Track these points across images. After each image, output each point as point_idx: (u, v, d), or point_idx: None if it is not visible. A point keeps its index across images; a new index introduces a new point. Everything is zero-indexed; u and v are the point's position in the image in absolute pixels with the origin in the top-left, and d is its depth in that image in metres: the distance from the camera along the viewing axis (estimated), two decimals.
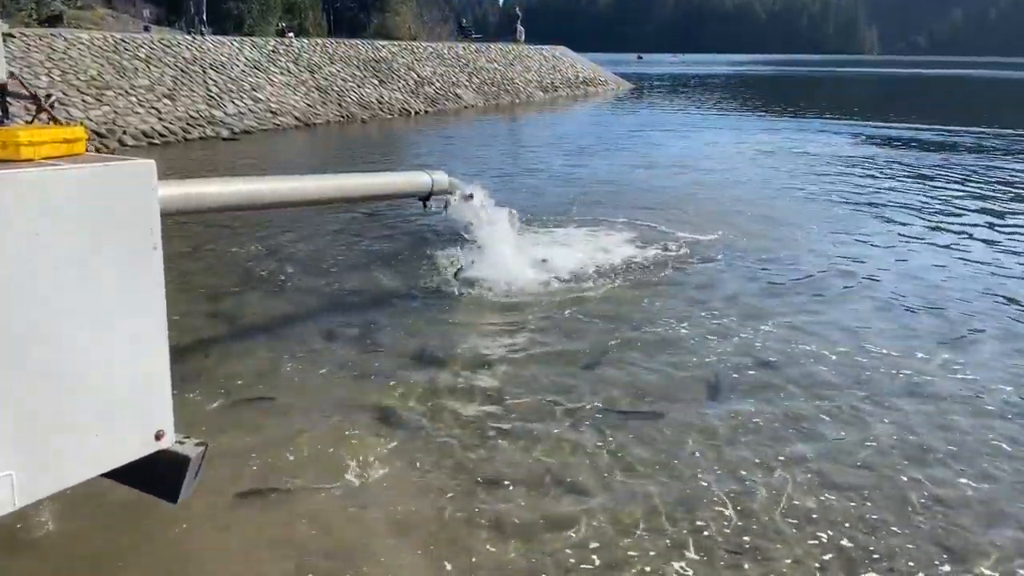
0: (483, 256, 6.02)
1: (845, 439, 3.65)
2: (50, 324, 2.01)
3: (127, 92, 14.80)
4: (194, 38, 18.92)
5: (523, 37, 36.05)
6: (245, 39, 20.60)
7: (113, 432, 2.18)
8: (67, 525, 2.90)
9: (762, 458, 3.45)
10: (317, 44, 22.21)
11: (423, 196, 5.50)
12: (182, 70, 16.64)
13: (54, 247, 1.99)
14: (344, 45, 23.00)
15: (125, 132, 13.73)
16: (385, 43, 25.29)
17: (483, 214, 5.96)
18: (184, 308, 5.21)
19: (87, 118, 13.30)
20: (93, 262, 2.08)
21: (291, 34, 26.58)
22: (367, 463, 3.37)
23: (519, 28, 36.68)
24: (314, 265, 6.50)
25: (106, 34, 16.91)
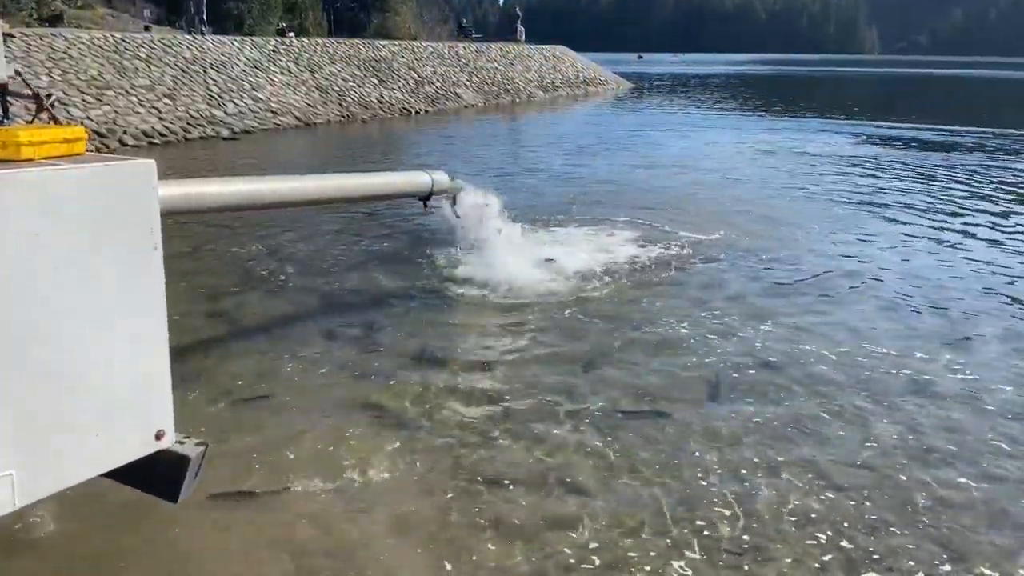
0: (484, 255, 6.02)
1: (847, 439, 3.65)
2: (50, 324, 2.00)
3: (127, 92, 14.79)
4: (194, 38, 18.90)
5: (523, 37, 36.02)
6: (245, 39, 20.58)
7: (113, 432, 2.17)
8: (67, 525, 2.89)
9: (763, 458, 3.45)
10: (317, 44, 22.20)
11: (423, 196, 5.50)
12: (182, 70, 16.64)
13: (54, 247, 1.98)
14: (344, 45, 22.99)
15: (125, 132, 13.72)
16: (385, 43, 25.27)
17: (484, 213, 5.96)
18: (184, 308, 5.21)
19: (87, 118, 13.29)
20: (93, 262, 2.08)
21: (291, 34, 26.53)
22: (367, 463, 3.37)
23: (519, 28, 36.64)
24: (314, 265, 6.50)
25: (106, 34, 16.90)
